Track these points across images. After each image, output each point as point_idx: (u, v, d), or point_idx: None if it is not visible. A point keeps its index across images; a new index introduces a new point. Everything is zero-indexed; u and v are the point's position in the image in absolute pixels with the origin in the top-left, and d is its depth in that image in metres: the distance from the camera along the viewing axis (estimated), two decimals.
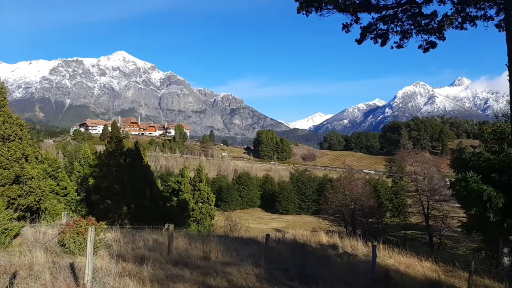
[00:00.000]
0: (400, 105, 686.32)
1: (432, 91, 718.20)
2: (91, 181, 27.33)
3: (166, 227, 22.08)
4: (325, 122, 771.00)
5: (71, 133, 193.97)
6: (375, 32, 9.92)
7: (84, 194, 29.02)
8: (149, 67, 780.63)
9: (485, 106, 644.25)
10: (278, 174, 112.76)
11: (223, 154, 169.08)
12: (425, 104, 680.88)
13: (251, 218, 65.85)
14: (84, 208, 27.92)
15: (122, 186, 26.42)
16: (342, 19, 9.97)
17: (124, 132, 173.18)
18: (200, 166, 32.93)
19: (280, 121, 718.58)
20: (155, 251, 11.16)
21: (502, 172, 12.04)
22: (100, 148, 35.65)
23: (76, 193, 29.91)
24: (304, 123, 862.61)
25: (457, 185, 12.76)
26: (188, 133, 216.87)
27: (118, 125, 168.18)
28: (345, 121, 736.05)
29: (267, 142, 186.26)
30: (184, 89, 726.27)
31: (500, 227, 12.51)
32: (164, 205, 30.40)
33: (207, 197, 31.61)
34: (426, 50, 9.86)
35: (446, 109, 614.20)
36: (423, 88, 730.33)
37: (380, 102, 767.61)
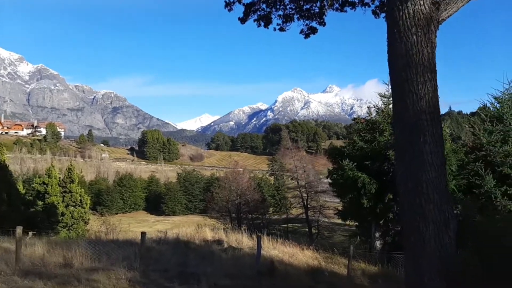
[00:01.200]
0: (281, 109, 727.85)
1: (308, 97, 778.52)
2: None
3: (30, 235, 18.92)
4: (212, 124, 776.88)
5: None
6: (258, 12, 9.52)
7: None
8: (16, 59, 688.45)
9: (351, 111, 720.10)
10: (165, 175, 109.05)
11: (103, 155, 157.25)
12: (301, 109, 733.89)
13: (135, 221, 62.10)
14: None
15: None
16: None
17: None
18: (71, 165, 29.40)
19: (167, 121, 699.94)
20: (0, 262, 9.05)
21: (374, 159, 12.83)
22: None
23: None
24: (192, 124, 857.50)
25: (335, 173, 13.24)
26: (62, 133, 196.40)
27: None
28: (231, 122, 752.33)
29: (153, 143, 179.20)
30: (58, 85, 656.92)
31: (373, 213, 13.30)
32: (27, 210, 26.46)
33: (80, 200, 28.37)
34: (307, 35, 9.79)
35: (319, 114, 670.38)
36: (300, 93, 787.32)
37: (263, 106, 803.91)
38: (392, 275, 11.24)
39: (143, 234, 9.40)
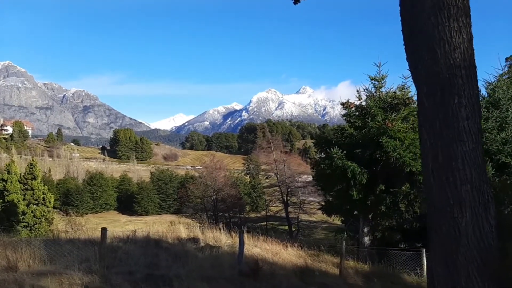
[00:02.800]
0: (255, 109, 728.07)
1: (282, 97, 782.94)
2: None
3: None
4: (186, 123, 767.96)
5: None
6: None
7: None
8: None
9: (324, 112, 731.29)
10: (138, 175, 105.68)
11: (73, 154, 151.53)
12: (276, 109, 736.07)
13: (105, 222, 59.48)
14: None
15: None
16: None
17: None
18: (33, 160, 27.21)
19: (140, 120, 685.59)
20: None
21: (366, 147, 11.75)
22: None
23: None
24: (166, 124, 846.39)
25: (322, 163, 12.08)
26: (30, 131, 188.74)
27: None
28: (206, 122, 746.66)
29: (126, 142, 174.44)
30: (26, 82, 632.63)
31: (362, 206, 12.25)
32: None
33: (43, 198, 26.24)
34: (296, 0, 8.60)
35: (293, 114, 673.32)
36: (274, 94, 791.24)
37: (237, 106, 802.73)
38: (387, 274, 10.21)
39: (103, 230, 7.95)
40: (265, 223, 36.83)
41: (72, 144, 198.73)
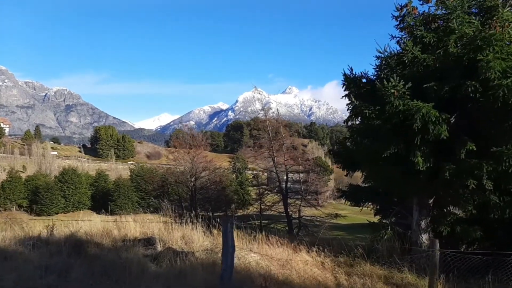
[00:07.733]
0: (241, 109, 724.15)
1: (268, 97, 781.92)
2: None
3: None
4: (172, 123, 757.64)
5: None
6: None
7: None
8: None
9: (310, 112, 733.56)
10: (118, 173, 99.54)
11: (52, 152, 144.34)
12: (262, 109, 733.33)
13: (76, 222, 53.80)
14: None
15: None
16: None
17: None
18: None
19: (124, 120, 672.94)
20: None
21: (443, 78, 6.83)
22: None
23: None
24: (151, 123, 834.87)
25: (365, 109, 7.04)
26: (7, 129, 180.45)
27: None
28: (192, 122, 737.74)
29: (107, 140, 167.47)
30: (6, 81, 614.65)
31: (427, 182, 7.37)
32: None
33: None
34: None
35: (279, 114, 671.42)
36: (261, 94, 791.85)
37: (223, 105, 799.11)
38: None
39: None
40: (252, 222, 31.69)
41: (51, 142, 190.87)
